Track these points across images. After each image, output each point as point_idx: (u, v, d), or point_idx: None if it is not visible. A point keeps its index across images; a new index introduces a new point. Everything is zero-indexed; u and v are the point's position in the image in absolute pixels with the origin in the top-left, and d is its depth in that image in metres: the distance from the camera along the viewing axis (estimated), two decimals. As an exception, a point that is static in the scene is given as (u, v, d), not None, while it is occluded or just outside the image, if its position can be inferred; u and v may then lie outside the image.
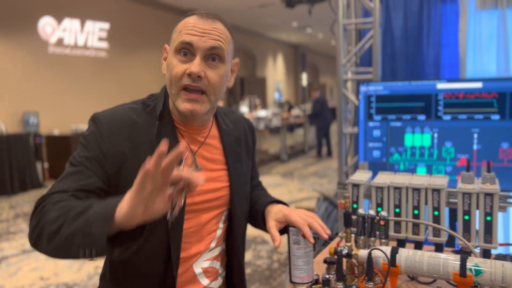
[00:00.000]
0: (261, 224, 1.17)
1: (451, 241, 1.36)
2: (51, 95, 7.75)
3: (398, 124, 2.27)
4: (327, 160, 9.56)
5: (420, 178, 1.15)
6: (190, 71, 0.98)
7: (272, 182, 7.15)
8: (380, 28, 2.82)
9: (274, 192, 6.39)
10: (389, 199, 1.12)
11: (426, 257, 0.92)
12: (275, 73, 16.95)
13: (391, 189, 1.12)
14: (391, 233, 1.14)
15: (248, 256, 3.84)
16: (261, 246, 4.10)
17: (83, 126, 7.94)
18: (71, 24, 8.06)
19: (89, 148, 1.00)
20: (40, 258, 3.88)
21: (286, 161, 9.40)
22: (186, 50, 1.00)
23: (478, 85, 2.13)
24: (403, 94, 2.26)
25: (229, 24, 1.07)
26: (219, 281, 1.17)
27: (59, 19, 7.88)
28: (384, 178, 1.17)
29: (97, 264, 3.75)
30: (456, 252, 1.14)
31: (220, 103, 11.94)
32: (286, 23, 13.22)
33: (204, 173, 1.08)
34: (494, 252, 1.12)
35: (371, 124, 2.32)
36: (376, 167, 2.30)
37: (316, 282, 1.05)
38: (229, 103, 11.96)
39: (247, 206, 1.20)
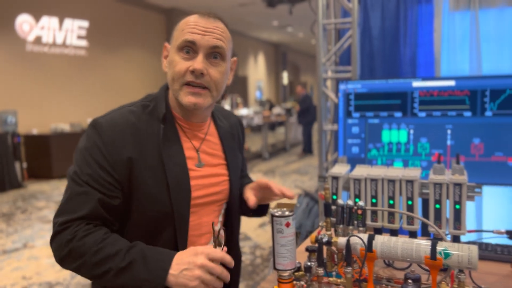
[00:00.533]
0: (243, 205, 1.23)
1: (426, 231, 1.44)
2: (29, 94, 7.64)
3: (376, 121, 2.35)
4: (308, 158, 9.67)
5: (395, 171, 1.22)
6: (193, 68, 1.01)
7: (254, 180, 7.19)
8: (358, 27, 2.90)
9: (256, 190, 6.45)
10: (366, 190, 1.19)
11: (400, 243, 0.99)
12: (256, 72, 17.01)
13: (368, 181, 1.19)
14: (368, 222, 1.20)
15: (231, 252, 3.89)
16: (243, 242, 4.15)
17: (63, 125, 7.85)
18: (49, 22, 7.95)
19: (94, 163, 1.01)
20: (21, 258, 3.85)
21: (267, 159, 9.48)
22: (189, 48, 1.03)
23: (451, 83, 2.23)
24: (381, 92, 2.34)
25: (227, 25, 1.12)
26: None
27: (37, 17, 7.76)
28: (361, 171, 1.24)
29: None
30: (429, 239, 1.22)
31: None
32: (267, 22, 13.30)
33: (207, 169, 1.13)
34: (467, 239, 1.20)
35: (350, 121, 2.40)
36: (355, 162, 2.37)
37: (298, 269, 1.11)
38: (211, 102, 12.00)
39: (240, 197, 1.25)
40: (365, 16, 3.04)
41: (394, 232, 1.20)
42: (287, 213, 1.04)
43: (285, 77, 19.25)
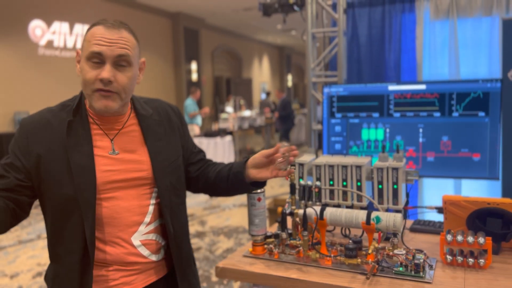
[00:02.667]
0: (244, 182, 1.27)
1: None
2: (41, 95, 8.00)
3: (356, 121, 2.63)
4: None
5: (349, 159, 1.50)
6: (101, 77, 1.12)
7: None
8: (347, 35, 3.17)
9: (257, 188, 6.75)
10: (325, 174, 1.48)
11: (344, 212, 1.27)
12: (261, 74, 17.29)
13: (326, 166, 1.47)
14: (327, 200, 1.49)
15: (230, 243, 4.18)
16: (242, 235, 4.44)
17: (73, 126, 8.17)
18: (60, 27, 8.31)
19: (12, 150, 1.18)
20: (36, 248, 4.17)
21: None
22: (97, 58, 1.13)
23: (422, 87, 2.50)
24: (360, 95, 2.62)
25: (133, 30, 1.23)
26: (161, 253, 1.26)
27: (49, 22, 8.13)
28: (323, 159, 1.52)
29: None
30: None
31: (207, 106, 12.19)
32: (271, 26, 13.58)
33: (123, 155, 1.21)
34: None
35: (333, 121, 2.68)
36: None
37: (269, 237, 1.40)
38: (215, 103, 12.30)
39: (175, 180, 1.28)
40: (353, 25, 3.30)
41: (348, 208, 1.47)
42: (258, 190, 1.33)
43: (289, 80, 19.51)
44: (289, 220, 1.51)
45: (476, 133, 2.40)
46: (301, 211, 1.32)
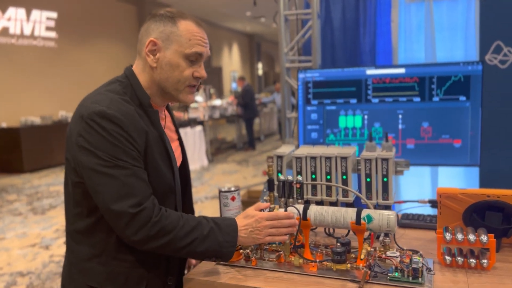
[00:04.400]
0: None
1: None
2: (-4, 86, 7.52)
3: (333, 107, 2.48)
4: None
5: (332, 149, 1.35)
6: (201, 76, 1.20)
7: (227, 169, 7.31)
8: (320, 19, 3.02)
9: (229, 179, 6.57)
10: (306, 167, 1.31)
11: (331, 211, 1.11)
12: (231, 62, 17.02)
13: (308, 158, 1.31)
14: (309, 196, 1.33)
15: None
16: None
17: (33, 118, 7.75)
18: (16, 13, 7.81)
19: (125, 147, 1.08)
20: (-8, 250, 3.87)
21: (241, 149, 9.58)
22: (195, 58, 1.18)
23: (401, 70, 2.37)
24: (337, 80, 2.47)
25: None
26: None
27: (3, 8, 7.61)
28: (303, 150, 1.36)
29: (52, 253, 3.78)
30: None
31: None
32: (240, 13, 13.31)
33: (172, 143, 1.28)
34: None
35: (309, 108, 2.53)
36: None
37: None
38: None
39: None
40: (326, 8, 3.15)
41: (333, 205, 1.32)
42: (232, 188, 1.15)
43: (259, 68, 19.32)
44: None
45: (457, 119, 2.30)
46: (281, 211, 1.15)
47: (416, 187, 3.09)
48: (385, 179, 1.24)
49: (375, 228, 1.06)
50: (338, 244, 1.10)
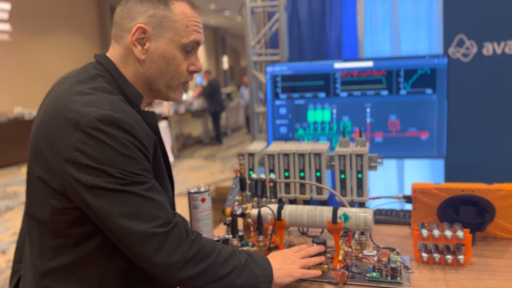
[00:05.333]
0: None
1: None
2: None
3: (302, 102, 2.45)
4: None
5: (306, 145, 1.30)
6: (198, 69, 1.02)
7: (194, 165, 7.20)
8: (287, 11, 2.97)
9: (196, 175, 6.46)
10: (279, 164, 1.26)
11: (306, 210, 1.07)
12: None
13: (281, 155, 1.26)
14: (282, 194, 1.28)
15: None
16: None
17: (-14, 115, 7.36)
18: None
19: (138, 159, 0.87)
20: None
21: (208, 144, 9.47)
22: (191, 47, 1.00)
23: (370, 64, 2.37)
24: (305, 74, 2.43)
25: None
26: None
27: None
28: (275, 147, 1.31)
29: (9, 258, 3.59)
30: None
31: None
32: (204, 6, 13.11)
33: None
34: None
35: (277, 102, 2.48)
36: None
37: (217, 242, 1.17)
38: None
39: None
40: (293, 1, 3.11)
41: (306, 203, 1.28)
42: (202, 189, 1.09)
43: (225, 62, 19.16)
44: (239, 221, 1.29)
45: (424, 111, 2.32)
46: (254, 212, 1.09)
47: (382, 181, 3.12)
48: (359, 175, 1.21)
49: (352, 227, 1.03)
50: (314, 244, 1.06)
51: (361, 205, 1.26)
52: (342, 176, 1.22)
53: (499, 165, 2.53)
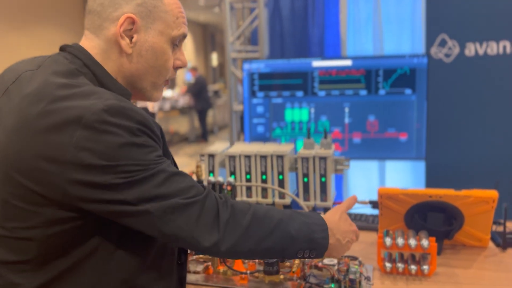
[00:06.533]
0: None
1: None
2: None
3: (279, 100, 2.38)
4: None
5: (269, 147, 1.24)
6: (184, 64, 0.96)
7: (179, 163, 7.06)
8: (268, 7, 2.91)
9: (180, 173, 6.38)
10: (241, 167, 1.20)
11: (262, 217, 0.99)
12: (185, 53, 16.64)
13: (242, 157, 1.19)
14: (244, 198, 1.21)
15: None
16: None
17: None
18: None
19: (154, 146, 0.79)
20: None
21: (194, 142, 9.38)
22: (179, 41, 0.94)
23: (348, 62, 2.31)
24: (283, 72, 2.37)
25: None
26: None
27: None
28: (237, 148, 1.24)
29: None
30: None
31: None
32: (193, 2, 12.98)
33: None
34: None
35: (254, 101, 2.41)
36: (260, 142, 2.39)
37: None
38: (135, 84, 11.58)
39: None
40: (275, -4, 3.05)
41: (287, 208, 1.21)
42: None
43: (214, 59, 19.04)
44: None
45: (403, 112, 2.27)
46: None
47: (364, 182, 3.08)
48: (323, 179, 1.14)
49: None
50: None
51: (326, 210, 1.20)
52: (305, 179, 1.16)
53: (480, 167, 2.49)
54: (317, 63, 2.35)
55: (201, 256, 1.06)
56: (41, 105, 0.74)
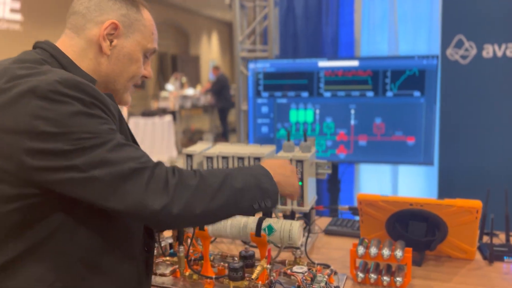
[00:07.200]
0: None
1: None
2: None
3: (284, 101, 2.34)
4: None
5: (247, 148, 1.21)
6: (150, 76, 1.03)
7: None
8: (281, 6, 2.87)
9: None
10: (218, 167, 1.17)
11: (230, 220, 0.97)
12: (210, 51, 16.75)
13: (220, 158, 1.17)
14: (221, 200, 1.19)
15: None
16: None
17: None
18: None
19: (106, 118, 0.83)
20: None
21: (214, 140, 9.43)
22: (149, 54, 1.03)
23: (355, 63, 2.25)
24: (288, 72, 2.33)
25: None
26: None
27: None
28: (216, 149, 1.22)
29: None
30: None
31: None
32: (219, 1, 13.04)
33: None
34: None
35: (259, 100, 2.38)
36: (264, 142, 2.36)
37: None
38: (159, 81, 11.70)
39: None
40: (289, -5, 3.01)
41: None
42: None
43: (240, 58, 19.09)
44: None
45: (411, 115, 2.19)
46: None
47: (376, 185, 3.00)
48: (300, 183, 1.10)
49: (277, 240, 0.93)
50: (235, 258, 0.96)
51: (306, 215, 1.16)
52: (283, 183, 1.12)
53: (497, 174, 2.37)
54: (323, 63, 2.30)
55: (168, 258, 1.05)
56: (1, 82, 0.79)
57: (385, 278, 0.96)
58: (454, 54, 2.54)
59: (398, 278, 0.95)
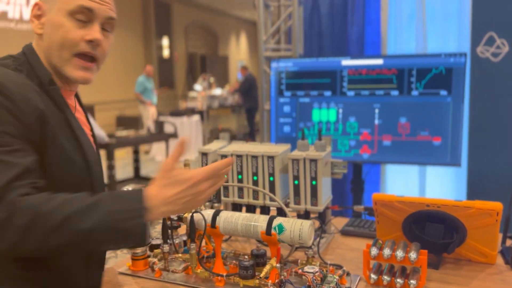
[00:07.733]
0: None
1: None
2: (-5, 72, 7.47)
3: (306, 100, 2.32)
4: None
5: (262, 147, 1.20)
6: (93, 38, 0.95)
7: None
8: (306, 5, 2.85)
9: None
10: (233, 166, 1.17)
11: (241, 219, 0.97)
12: (238, 51, 16.82)
13: (234, 157, 1.17)
14: (235, 198, 1.19)
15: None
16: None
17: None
18: (15, -3, 7.74)
19: (4, 122, 0.85)
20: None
21: (241, 140, 9.43)
22: (83, 15, 0.96)
23: (379, 61, 2.21)
24: (311, 71, 2.31)
25: None
26: None
27: (2, -8, 7.55)
28: (232, 147, 1.22)
29: None
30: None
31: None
32: (248, 1, 13.08)
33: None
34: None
35: (281, 100, 2.37)
36: (286, 142, 2.35)
37: (157, 246, 1.11)
38: (188, 82, 11.85)
39: None
40: (314, -7, 2.99)
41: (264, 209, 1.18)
42: (130, 189, 1.02)
43: (268, 58, 19.09)
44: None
45: (437, 114, 2.13)
46: (188, 217, 1.01)
47: (403, 186, 2.94)
48: (313, 182, 1.09)
49: (287, 240, 0.93)
50: (246, 256, 0.96)
51: (321, 215, 1.15)
52: (296, 182, 1.11)
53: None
54: (346, 62, 2.27)
55: (180, 255, 1.06)
56: None
57: (398, 280, 0.93)
58: (484, 51, 2.45)
59: (412, 281, 0.92)
